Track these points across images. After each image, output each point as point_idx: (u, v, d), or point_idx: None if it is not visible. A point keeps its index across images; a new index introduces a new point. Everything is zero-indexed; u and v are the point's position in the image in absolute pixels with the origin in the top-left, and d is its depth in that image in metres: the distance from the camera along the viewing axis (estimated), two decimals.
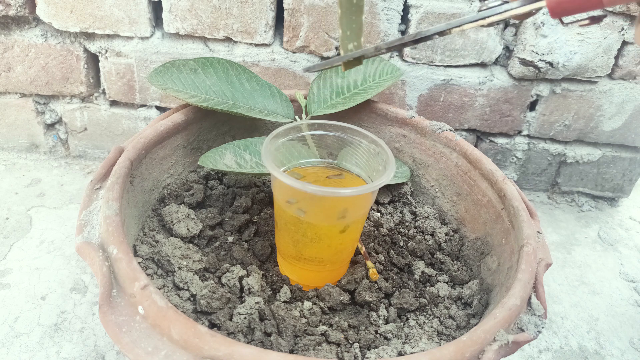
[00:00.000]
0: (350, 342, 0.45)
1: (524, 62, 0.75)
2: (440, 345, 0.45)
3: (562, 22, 0.39)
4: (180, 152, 0.60)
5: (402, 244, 0.59)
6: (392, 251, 0.57)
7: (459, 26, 0.37)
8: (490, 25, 0.36)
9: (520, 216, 0.49)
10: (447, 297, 0.52)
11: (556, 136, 0.84)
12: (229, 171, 0.55)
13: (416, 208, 0.65)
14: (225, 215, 0.58)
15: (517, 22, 0.73)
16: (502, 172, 0.55)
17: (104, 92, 0.80)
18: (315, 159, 0.53)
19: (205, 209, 0.58)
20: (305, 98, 0.65)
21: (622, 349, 0.64)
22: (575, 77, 0.77)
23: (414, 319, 0.49)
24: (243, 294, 0.48)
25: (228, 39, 0.75)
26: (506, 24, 0.74)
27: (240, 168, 0.55)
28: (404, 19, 0.74)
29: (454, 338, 0.46)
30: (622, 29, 0.72)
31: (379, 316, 0.49)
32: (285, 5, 0.71)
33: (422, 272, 0.55)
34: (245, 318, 0.44)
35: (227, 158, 0.56)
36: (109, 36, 0.74)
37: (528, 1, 0.34)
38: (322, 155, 0.53)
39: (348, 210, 0.46)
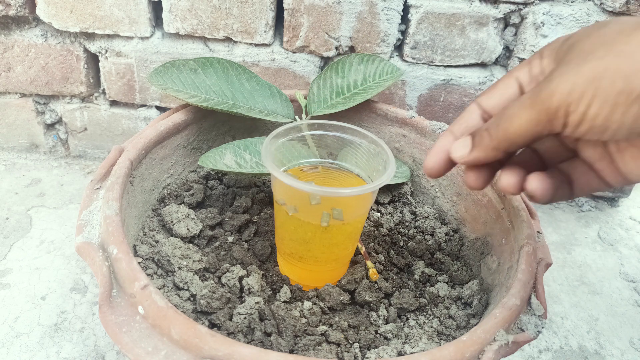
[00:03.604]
0: (350, 342, 0.45)
1: None
2: (440, 345, 0.45)
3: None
4: (180, 152, 0.60)
5: (402, 244, 0.59)
6: (392, 251, 0.57)
7: None
8: None
9: (520, 216, 0.49)
10: (447, 297, 0.52)
11: None
12: (229, 171, 0.55)
13: (416, 208, 0.65)
14: (225, 215, 0.58)
15: (517, 21, 0.73)
16: None
17: (104, 92, 0.80)
18: (315, 159, 0.53)
19: (205, 209, 0.58)
20: (305, 98, 0.65)
21: (622, 349, 0.64)
22: None
23: (414, 319, 0.49)
24: (243, 294, 0.48)
25: (228, 39, 0.75)
26: (506, 23, 0.74)
27: (240, 168, 0.55)
28: (404, 19, 0.74)
29: (454, 338, 0.46)
30: None
31: (379, 316, 0.49)
32: (285, 5, 0.71)
33: (422, 272, 0.55)
34: (245, 318, 0.44)
35: (227, 158, 0.56)
36: (109, 36, 0.74)
37: None
38: (322, 155, 0.53)
39: (344, 209, 0.46)
